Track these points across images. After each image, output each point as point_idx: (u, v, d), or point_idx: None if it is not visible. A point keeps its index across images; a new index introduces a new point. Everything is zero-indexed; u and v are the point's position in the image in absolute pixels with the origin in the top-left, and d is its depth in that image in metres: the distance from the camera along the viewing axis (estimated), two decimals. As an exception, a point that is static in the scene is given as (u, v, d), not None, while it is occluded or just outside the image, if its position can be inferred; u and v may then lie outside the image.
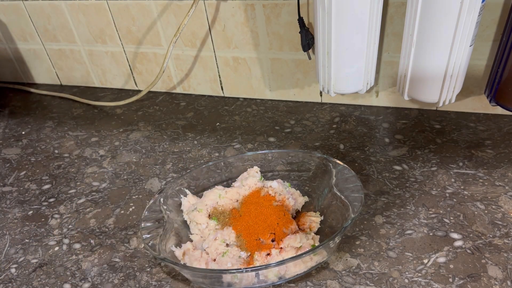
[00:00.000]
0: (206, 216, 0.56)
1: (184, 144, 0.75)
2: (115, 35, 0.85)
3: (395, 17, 0.65)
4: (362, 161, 0.65)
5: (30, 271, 0.56)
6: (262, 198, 0.56)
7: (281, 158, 0.61)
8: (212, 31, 0.77)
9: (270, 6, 0.70)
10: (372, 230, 0.55)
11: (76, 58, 0.92)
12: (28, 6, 0.87)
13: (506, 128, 0.68)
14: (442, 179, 0.60)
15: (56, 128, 0.84)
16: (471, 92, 0.69)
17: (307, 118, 0.77)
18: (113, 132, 0.80)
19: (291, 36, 0.72)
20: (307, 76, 0.77)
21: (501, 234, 0.52)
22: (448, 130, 0.69)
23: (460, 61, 0.57)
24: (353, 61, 0.63)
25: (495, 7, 0.60)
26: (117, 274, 0.54)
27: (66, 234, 0.61)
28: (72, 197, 0.67)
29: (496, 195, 0.57)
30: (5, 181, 0.72)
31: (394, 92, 0.74)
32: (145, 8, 0.79)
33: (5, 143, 0.82)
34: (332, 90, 0.66)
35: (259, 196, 0.57)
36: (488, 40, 0.63)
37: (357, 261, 0.51)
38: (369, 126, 0.72)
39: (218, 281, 0.48)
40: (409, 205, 0.57)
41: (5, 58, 0.98)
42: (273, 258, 0.50)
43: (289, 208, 0.56)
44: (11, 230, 0.62)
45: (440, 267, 0.49)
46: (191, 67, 0.84)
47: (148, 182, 0.68)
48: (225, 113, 0.81)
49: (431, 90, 0.61)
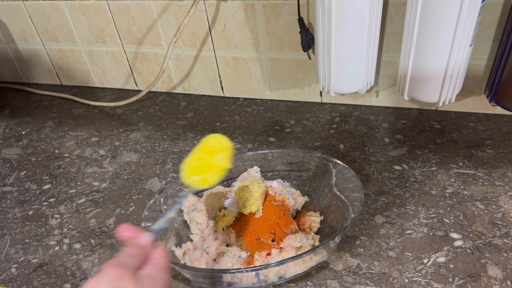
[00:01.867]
0: (206, 216, 0.56)
1: (184, 144, 0.75)
2: (115, 35, 0.85)
3: (395, 17, 0.65)
4: (362, 161, 0.65)
5: (30, 271, 0.56)
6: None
7: (281, 158, 0.61)
8: (212, 31, 0.77)
9: (270, 6, 0.70)
10: (372, 230, 0.55)
11: (76, 58, 0.92)
12: (28, 6, 0.87)
13: (506, 128, 0.68)
14: (442, 179, 0.61)
15: (56, 128, 0.84)
16: (471, 92, 0.69)
17: (307, 118, 0.77)
18: (113, 132, 0.80)
19: (291, 36, 0.72)
20: (307, 76, 0.77)
21: (501, 234, 0.52)
22: (448, 130, 0.69)
23: (460, 61, 0.57)
24: (353, 61, 0.63)
25: (495, 7, 0.60)
26: (117, 274, 0.54)
27: (67, 234, 0.61)
28: (72, 197, 0.67)
29: (496, 195, 0.57)
30: (5, 181, 0.72)
31: (394, 92, 0.74)
32: (145, 8, 0.79)
33: (5, 143, 0.82)
34: (332, 90, 0.66)
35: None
36: (488, 40, 0.63)
37: (357, 261, 0.51)
38: (369, 126, 0.72)
39: (218, 281, 0.48)
40: (409, 205, 0.57)
41: (5, 58, 0.99)
42: (273, 258, 0.50)
43: (289, 208, 0.56)
44: (12, 230, 0.62)
45: (440, 267, 0.49)
46: (191, 67, 0.84)
47: (148, 182, 0.68)
48: (225, 113, 0.81)
49: (431, 90, 0.61)
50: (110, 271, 0.33)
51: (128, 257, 0.36)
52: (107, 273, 0.33)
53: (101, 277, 0.33)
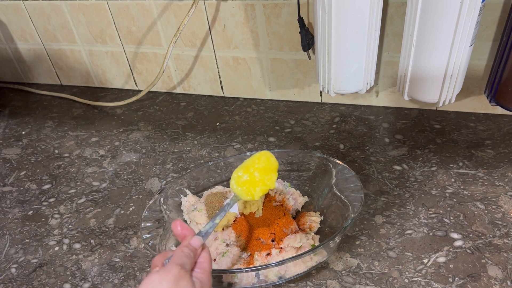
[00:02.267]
0: (206, 216, 0.56)
1: (184, 144, 0.75)
2: (115, 35, 0.85)
3: (395, 17, 0.65)
4: (362, 161, 0.65)
5: (30, 271, 0.56)
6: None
7: (281, 158, 0.61)
8: (212, 31, 0.77)
9: (270, 6, 0.70)
10: (372, 230, 0.55)
11: (76, 58, 0.92)
12: (28, 6, 0.87)
13: (506, 128, 0.68)
14: (442, 179, 0.60)
15: (56, 128, 0.84)
16: (471, 92, 0.69)
17: (307, 118, 0.77)
18: (113, 132, 0.80)
19: (291, 36, 0.72)
20: (307, 76, 0.77)
21: (501, 234, 0.52)
22: (448, 130, 0.69)
23: (460, 61, 0.57)
24: (353, 61, 0.63)
25: (495, 7, 0.60)
26: (117, 274, 0.54)
27: (66, 234, 0.61)
28: (72, 197, 0.67)
29: (496, 195, 0.57)
30: (5, 181, 0.72)
31: (394, 92, 0.74)
32: (145, 8, 0.79)
33: (5, 143, 0.82)
34: (332, 90, 0.66)
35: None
36: (488, 40, 0.63)
37: (357, 261, 0.51)
38: (369, 126, 0.72)
39: (218, 281, 0.48)
40: (409, 205, 0.57)
41: (5, 58, 0.98)
42: (273, 258, 0.50)
43: (289, 208, 0.56)
44: (11, 230, 0.62)
45: (440, 267, 0.49)
46: (191, 67, 0.84)
47: (148, 182, 0.68)
48: (225, 113, 0.81)
49: (431, 90, 0.61)
50: (172, 270, 0.35)
51: (185, 258, 0.38)
52: (169, 271, 0.35)
53: (164, 274, 0.35)
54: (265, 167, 0.48)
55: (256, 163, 0.48)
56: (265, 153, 0.49)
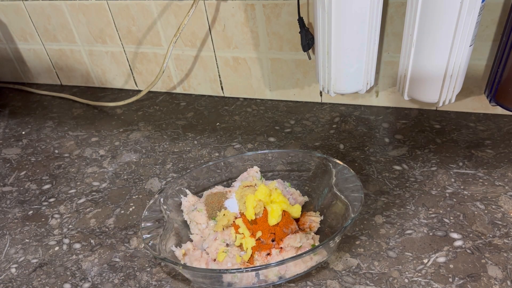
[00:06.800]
0: (206, 216, 0.56)
1: (184, 144, 0.75)
2: (115, 35, 0.85)
3: (395, 17, 0.65)
4: (362, 161, 0.65)
5: (30, 271, 0.56)
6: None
7: (281, 158, 0.61)
8: (212, 31, 0.77)
9: (270, 6, 0.70)
10: (372, 230, 0.55)
11: (76, 58, 0.92)
12: (28, 6, 0.87)
13: (506, 128, 0.68)
14: (442, 179, 0.61)
15: (56, 128, 0.84)
16: (471, 92, 0.69)
17: (307, 118, 0.77)
18: (113, 132, 0.80)
19: (291, 36, 0.72)
20: (307, 76, 0.77)
21: (501, 234, 0.52)
22: (448, 130, 0.69)
23: (460, 61, 0.57)
24: (353, 61, 0.63)
25: (495, 7, 0.60)
26: (117, 274, 0.54)
27: (66, 234, 0.61)
28: (72, 197, 0.67)
29: (496, 195, 0.57)
30: (5, 181, 0.72)
31: (394, 92, 0.74)
32: (145, 8, 0.79)
33: (5, 143, 0.82)
34: (332, 90, 0.66)
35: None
36: (488, 40, 0.63)
37: (357, 261, 0.51)
38: (369, 126, 0.72)
39: (218, 281, 0.48)
40: (409, 205, 0.57)
41: (5, 58, 0.99)
42: (273, 258, 0.50)
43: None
44: (11, 230, 0.62)
45: (440, 267, 0.49)
46: (191, 67, 0.84)
47: (148, 182, 0.68)
48: (225, 113, 0.81)
49: (431, 90, 0.61)
50: None
51: None
52: None
53: None
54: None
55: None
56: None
